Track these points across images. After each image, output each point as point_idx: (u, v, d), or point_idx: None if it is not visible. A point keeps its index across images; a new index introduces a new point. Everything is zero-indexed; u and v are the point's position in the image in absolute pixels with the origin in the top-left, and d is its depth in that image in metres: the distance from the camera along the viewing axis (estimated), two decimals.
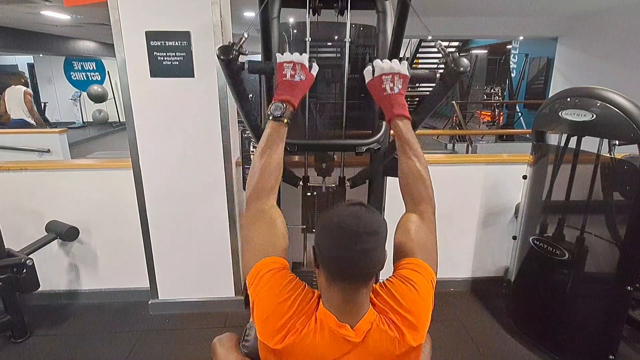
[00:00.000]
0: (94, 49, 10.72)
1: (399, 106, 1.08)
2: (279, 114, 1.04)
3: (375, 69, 1.12)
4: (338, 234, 0.83)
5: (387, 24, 1.61)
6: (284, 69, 1.09)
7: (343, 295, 0.85)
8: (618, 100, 1.70)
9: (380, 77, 1.10)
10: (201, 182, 2.21)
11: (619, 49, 5.83)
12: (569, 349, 2.02)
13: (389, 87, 1.08)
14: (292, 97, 1.07)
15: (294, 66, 1.08)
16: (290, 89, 1.08)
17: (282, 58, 1.11)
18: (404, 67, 1.11)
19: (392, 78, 1.09)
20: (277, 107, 1.05)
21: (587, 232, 1.90)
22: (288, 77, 1.08)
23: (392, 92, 1.08)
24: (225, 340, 1.28)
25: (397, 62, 1.12)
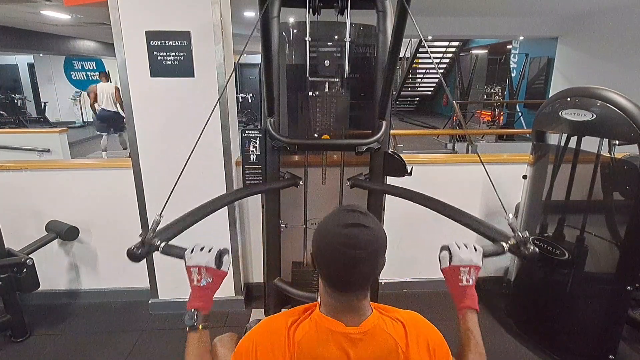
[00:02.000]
0: (94, 48, 10.73)
1: (472, 298, 1.08)
2: (192, 323, 1.04)
3: (453, 258, 1.11)
4: (336, 257, 0.83)
5: (387, 23, 1.62)
6: (191, 274, 1.09)
7: (340, 302, 0.87)
8: (618, 100, 1.70)
9: (458, 268, 1.10)
10: (201, 182, 2.21)
11: (619, 49, 5.84)
12: (569, 349, 2.02)
13: (465, 279, 1.09)
14: (203, 302, 1.07)
15: (199, 270, 1.07)
16: (198, 294, 1.08)
17: (188, 261, 1.10)
18: (479, 256, 1.12)
19: (469, 270, 1.09)
20: (189, 316, 1.04)
21: (587, 232, 1.90)
22: (195, 282, 1.08)
23: (467, 284, 1.09)
24: (226, 340, 1.28)
25: (473, 251, 1.12)
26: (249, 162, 1.92)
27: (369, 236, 0.84)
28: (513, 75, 9.61)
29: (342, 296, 0.87)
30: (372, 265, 0.85)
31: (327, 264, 0.86)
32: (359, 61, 1.80)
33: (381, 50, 1.65)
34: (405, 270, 2.65)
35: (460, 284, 1.09)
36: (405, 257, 2.61)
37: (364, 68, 1.81)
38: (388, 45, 1.49)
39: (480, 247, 1.14)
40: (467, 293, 1.08)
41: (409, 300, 2.59)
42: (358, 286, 0.86)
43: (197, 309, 1.05)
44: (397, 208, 2.17)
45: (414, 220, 2.47)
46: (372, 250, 0.84)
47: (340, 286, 0.86)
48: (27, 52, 10.63)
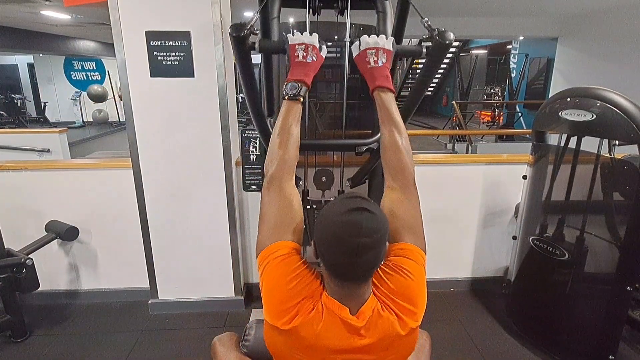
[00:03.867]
0: (94, 48, 10.72)
1: (382, 78, 1.11)
2: (295, 92, 1.08)
3: (361, 44, 1.16)
4: (337, 246, 0.82)
5: (387, 24, 1.61)
6: (296, 51, 1.13)
7: (344, 289, 0.88)
8: (618, 100, 1.70)
9: (365, 51, 1.14)
10: (201, 182, 2.21)
11: (619, 49, 5.84)
12: (569, 349, 2.02)
13: (372, 60, 1.12)
14: (306, 77, 1.11)
15: (305, 48, 1.12)
16: (303, 69, 1.11)
17: (293, 40, 1.14)
18: (389, 42, 1.15)
19: (377, 52, 1.13)
20: (292, 86, 1.09)
21: (587, 232, 1.90)
22: (300, 58, 1.12)
23: (375, 65, 1.12)
24: (226, 340, 1.29)
25: (383, 38, 1.15)
26: (249, 162, 1.92)
27: (372, 222, 0.83)
28: (513, 76, 9.61)
29: (346, 284, 0.87)
30: (376, 253, 0.84)
31: (330, 253, 0.85)
32: None
33: None
34: None
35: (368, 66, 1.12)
36: None
37: None
38: None
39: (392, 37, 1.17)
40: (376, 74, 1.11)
41: None
42: (362, 276, 0.86)
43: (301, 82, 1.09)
44: None
45: None
46: (376, 237, 0.83)
47: (344, 276, 0.86)
48: (27, 52, 10.61)
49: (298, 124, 1.09)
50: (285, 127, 1.07)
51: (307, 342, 0.87)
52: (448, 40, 1.14)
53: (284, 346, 0.90)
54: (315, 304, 0.89)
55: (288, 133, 1.06)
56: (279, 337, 0.89)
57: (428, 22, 1.18)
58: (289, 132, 1.06)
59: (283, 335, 0.88)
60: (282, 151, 1.05)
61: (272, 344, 0.93)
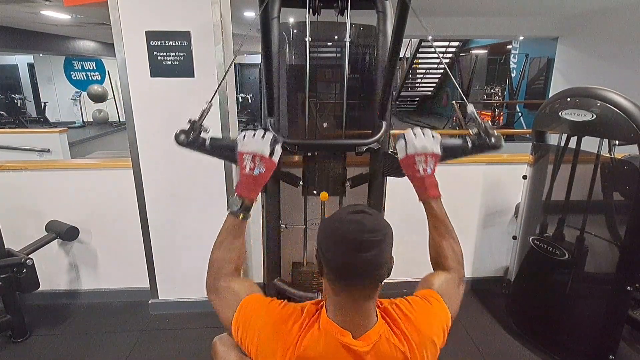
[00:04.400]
0: (94, 48, 10.73)
1: (433, 187, 1.07)
2: (236, 209, 1.03)
3: (407, 147, 1.10)
4: (341, 243, 0.81)
5: (387, 23, 1.62)
6: (244, 161, 1.06)
7: (348, 303, 0.83)
8: (618, 100, 1.70)
9: (414, 157, 1.08)
10: (201, 182, 2.21)
11: (619, 49, 5.84)
12: (569, 349, 2.02)
13: (422, 168, 1.07)
14: (251, 192, 1.05)
15: (253, 158, 1.05)
16: (249, 183, 1.06)
17: (242, 147, 1.07)
18: (436, 145, 1.10)
19: (425, 159, 1.08)
20: (235, 202, 1.03)
21: (587, 232, 1.90)
22: (247, 170, 1.05)
23: (425, 174, 1.07)
24: (226, 339, 1.28)
25: (429, 138, 1.09)
26: None
27: (374, 222, 0.82)
28: (513, 76, 9.61)
29: (350, 296, 0.83)
30: (379, 252, 0.81)
31: (333, 250, 0.82)
32: (359, 61, 1.80)
33: (381, 51, 1.65)
34: (405, 270, 2.65)
35: (417, 174, 1.07)
36: (405, 257, 2.60)
37: (364, 68, 1.81)
38: (388, 46, 1.49)
39: (438, 135, 1.11)
40: (427, 183, 1.07)
41: None
42: (364, 276, 0.82)
43: (244, 197, 1.04)
44: (397, 208, 2.17)
45: (414, 221, 2.46)
46: (377, 237, 0.81)
47: (346, 274, 0.82)
48: (27, 52, 10.62)
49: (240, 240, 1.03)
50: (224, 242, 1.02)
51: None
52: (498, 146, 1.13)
53: None
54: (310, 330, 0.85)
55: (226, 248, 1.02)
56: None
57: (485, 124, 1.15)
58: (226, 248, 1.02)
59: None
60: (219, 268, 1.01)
61: None
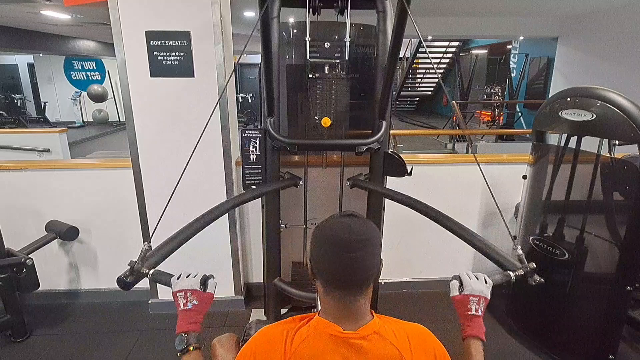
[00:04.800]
0: (94, 48, 10.72)
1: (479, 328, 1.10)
2: (183, 346, 1.07)
3: (464, 286, 1.16)
4: (330, 244, 0.85)
5: (387, 23, 1.62)
6: (178, 299, 1.13)
7: (340, 303, 0.86)
8: (618, 100, 1.70)
9: (469, 298, 1.13)
10: (201, 182, 2.21)
11: (619, 49, 5.83)
12: (569, 349, 2.02)
13: (474, 308, 1.12)
14: (191, 324, 1.11)
15: (184, 294, 1.13)
16: (186, 317, 1.12)
17: (174, 287, 1.15)
18: (489, 289, 1.17)
19: (479, 301, 1.13)
20: (179, 341, 1.08)
21: (587, 232, 1.90)
22: (182, 306, 1.13)
23: (476, 314, 1.12)
24: (225, 341, 1.28)
25: (484, 283, 1.17)
26: (249, 162, 1.92)
27: (361, 224, 0.87)
28: (513, 76, 9.61)
29: (342, 293, 0.85)
30: (364, 253, 0.84)
31: (323, 255, 0.86)
32: (359, 61, 1.80)
33: (381, 51, 1.65)
34: (405, 270, 2.65)
35: (469, 312, 1.12)
36: (405, 257, 2.61)
37: (364, 68, 1.81)
38: (388, 45, 1.49)
39: (490, 280, 1.19)
40: (475, 323, 1.10)
41: (409, 300, 2.59)
42: (352, 276, 0.84)
43: (187, 332, 1.09)
44: (397, 208, 2.17)
45: (414, 221, 2.47)
46: (364, 238, 0.85)
47: (334, 274, 0.85)
48: (27, 52, 10.63)
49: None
50: None
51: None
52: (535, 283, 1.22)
53: None
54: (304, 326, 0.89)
55: None
56: None
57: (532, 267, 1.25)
58: None
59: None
60: None
61: None
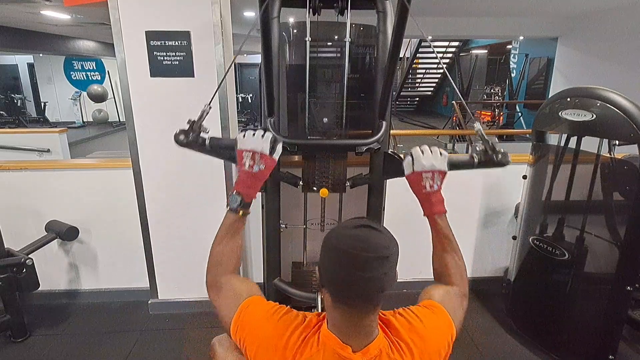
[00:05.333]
0: (94, 48, 10.72)
1: (439, 203, 1.08)
2: (235, 206, 1.04)
3: (415, 164, 1.10)
4: (345, 260, 0.78)
5: (387, 23, 1.62)
6: (243, 158, 1.06)
7: (349, 318, 0.81)
8: (618, 100, 1.70)
9: (420, 174, 1.08)
10: (201, 182, 2.21)
11: (619, 49, 5.83)
12: (569, 349, 2.02)
13: (428, 184, 1.08)
14: (250, 189, 1.06)
15: (252, 155, 1.05)
16: (248, 180, 1.06)
17: (241, 144, 1.07)
18: (443, 162, 1.09)
19: (433, 176, 1.08)
20: (234, 199, 1.05)
21: (587, 232, 1.90)
22: (247, 167, 1.06)
23: (431, 190, 1.07)
24: (225, 340, 1.28)
25: (437, 156, 1.09)
26: None
27: (380, 239, 0.80)
28: (513, 76, 9.60)
29: (351, 310, 0.80)
30: (384, 271, 0.77)
31: (336, 270, 0.79)
32: (359, 61, 1.80)
33: (381, 51, 1.64)
34: (405, 270, 2.65)
35: (424, 190, 1.08)
36: (405, 257, 2.60)
37: (364, 68, 1.81)
38: (388, 46, 1.49)
39: (445, 152, 1.11)
40: (433, 199, 1.07)
41: (409, 300, 2.58)
42: (369, 297, 0.79)
43: (242, 194, 1.05)
44: (397, 208, 2.17)
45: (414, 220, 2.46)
46: (383, 255, 0.78)
47: (350, 298, 0.79)
48: (27, 52, 10.61)
49: (238, 237, 1.05)
50: (224, 239, 1.03)
51: None
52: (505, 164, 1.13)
53: None
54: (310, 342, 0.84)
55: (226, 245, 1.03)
56: None
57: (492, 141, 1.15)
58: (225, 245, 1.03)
59: None
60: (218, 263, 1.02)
61: None
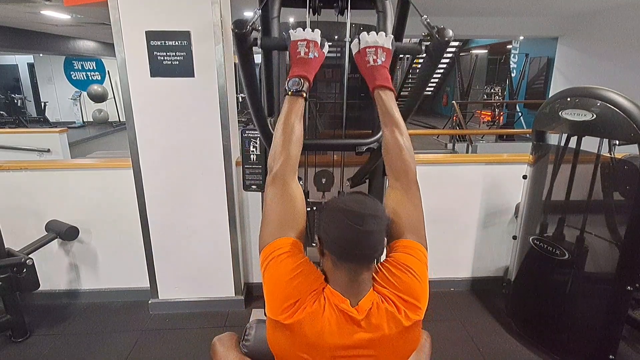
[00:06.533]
0: (94, 48, 10.72)
1: (382, 78, 1.11)
2: (298, 88, 1.09)
3: (360, 42, 1.16)
4: (344, 217, 0.87)
5: (387, 23, 1.61)
6: (297, 47, 1.13)
7: (348, 275, 0.89)
8: (618, 100, 1.70)
9: (365, 50, 1.13)
10: (201, 182, 2.21)
11: (619, 49, 5.83)
12: (569, 349, 2.02)
13: (372, 59, 1.12)
14: (308, 73, 1.11)
15: (307, 44, 1.12)
16: (305, 65, 1.12)
17: (295, 36, 1.14)
18: (388, 40, 1.15)
19: (376, 51, 1.12)
20: (294, 82, 1.09)
21: (587, 232, 1.90)
22: (302, 54, 1.12)
23: (375, 64, 1.12)
24: (225, 340, 1.28)
25: (382, 35, 1.15)
26: (249, 162, 1.92)
27: (373, 202, 0.92)
28: (513, 75, 9.60)
29: (351, 265, 0.88)
30: (377, 228, 0.87)
31: (337, 227, 0.88)
32: None
33: None
34: None
35: (367, 65, 1.12)
36: None
37: None
38: None
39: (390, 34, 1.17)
40: (376, 73, 1.11)
41: None
42: (364, 249, 0.87)
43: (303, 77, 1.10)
44: None
45: None
46: (376, 213, 0.88)
47: (349, 255, 0.87)
48: (27, 52, 10.62)
49: (301, 120, 1.09)
50: (288, 124, 1.06)
51: (310, 340, 0.87)
52: (447, 38, 1.15)
53: (287, 344, 0.90)
54: (317, 297, 0.89)
55: (291, 129, 1.06)
56: (282, 335, 0.89)
57: (427, 20, 1.18)
58: (292, 129, 1.06)
59: (286, 331, 0.88)
60: (285, 148, 1.05)
61: (275, 343, 0.92)
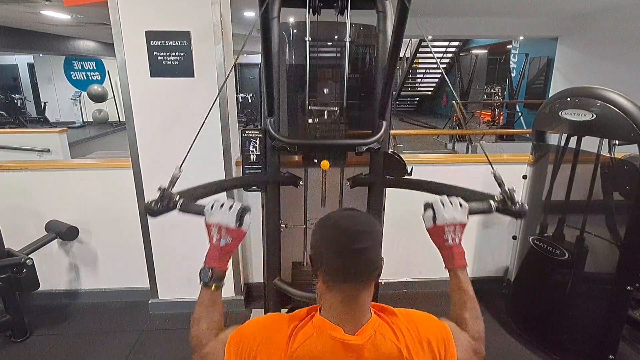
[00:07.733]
0: (94, 48, 10.72)
1: (460, 256, 1.06)
2: (207, 280, 1.05)
3: (437, 217, 1.07)
4: (335, 234, 0.85)
5: (387, 23, 1.62)
6: (210, 232, 1.08)
7: (342, 298, 0.84)
8: (618, 100, 1.70)
9: (443, 228, 1.07)
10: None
11: (619, 49, 5.83)
12: (569, 349, 2.02)
13: (450, 237, 1.06)
14: (219, 263, 1.07)
15: (219, 229, 1.06)
16: (216, 253, 1.07)
17: (208, 218, 1.08)
18: (464, 213, 1.08)
19: (454, 229, 1.07)
20: (204, 273, 1.05)
21: (587, 232, 1.90)
22: (214, 241, 1.07)
23: (453, 244, 1.07)
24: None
25: (458, 208, 1.08)
26: (249, 162, 1.92)
27: (364, 217, 0.89)
28: (513, 75, 9.61)
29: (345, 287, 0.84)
30: (370, 245, 0.84)
31: (329, 247, 0.85)
32: (359, 61, 1.80)
33: (381, 50, 1.64)
34: (405, 270, 2.65)
35: (446, 243, 1.07)
36: (405, 257, 2.61)
37: (364, 68, 1.81)
38: (388, 45, 1.49)
39: (465, 204, 1.10)
40: (455, 252, 1.06)
41: (409, 300, 2.59)
42: (357, 268, 0.83)
43: (213, 268, 1.05)
44: (397, 208, 2.17)
45: (414, 220, 2.46)
46: (368, 229, 0.85)
47: (340, 267, 0.83)
48: (27, 52, 10.62)
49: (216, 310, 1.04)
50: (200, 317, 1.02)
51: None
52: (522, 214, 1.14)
53: None
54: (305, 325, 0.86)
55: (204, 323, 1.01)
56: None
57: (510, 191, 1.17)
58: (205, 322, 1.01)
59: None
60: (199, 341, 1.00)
61: None
